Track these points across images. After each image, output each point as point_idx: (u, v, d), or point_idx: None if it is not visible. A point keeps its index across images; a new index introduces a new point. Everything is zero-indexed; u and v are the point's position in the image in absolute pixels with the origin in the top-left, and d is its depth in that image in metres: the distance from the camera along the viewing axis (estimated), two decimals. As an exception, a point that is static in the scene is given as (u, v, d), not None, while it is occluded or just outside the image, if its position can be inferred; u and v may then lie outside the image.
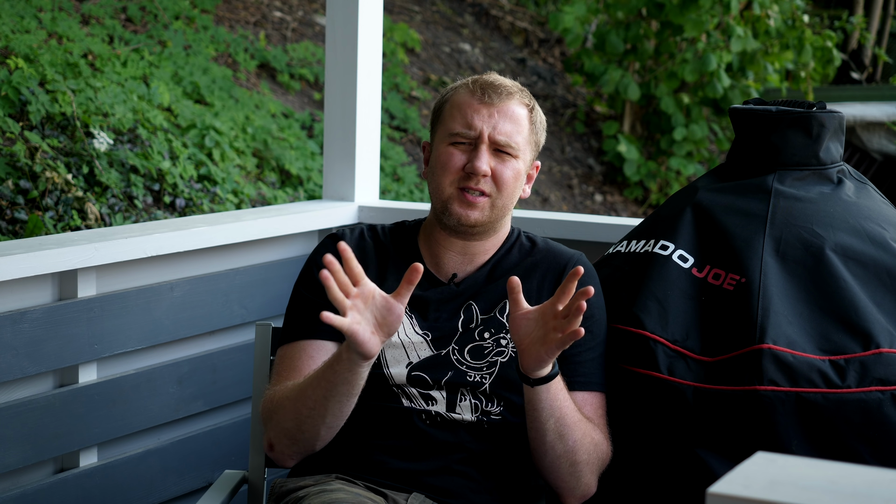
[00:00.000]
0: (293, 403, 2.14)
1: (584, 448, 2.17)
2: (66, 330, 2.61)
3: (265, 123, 5.99)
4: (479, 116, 2.26)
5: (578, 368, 2.26)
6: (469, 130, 2.26)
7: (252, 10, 7.38)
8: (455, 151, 2.26)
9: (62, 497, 2.64)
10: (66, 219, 4.13)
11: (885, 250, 2.30)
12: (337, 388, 2.07)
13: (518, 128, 2.28)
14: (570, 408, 2.15)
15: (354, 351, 2.00)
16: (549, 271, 2.32)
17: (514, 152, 2.27)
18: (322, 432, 2.15)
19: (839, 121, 2.42)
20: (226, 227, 2.99)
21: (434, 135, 2.34)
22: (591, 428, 2.21)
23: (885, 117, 8.72)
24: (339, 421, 2.14)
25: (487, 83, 2.29)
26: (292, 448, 2.19)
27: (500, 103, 2.27)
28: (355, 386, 2.08)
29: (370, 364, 2.06)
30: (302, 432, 2.15)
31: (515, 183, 2.29)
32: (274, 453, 2.22)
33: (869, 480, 1.27)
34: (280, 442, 2.19)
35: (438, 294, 2.30)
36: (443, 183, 2.27)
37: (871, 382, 2.17)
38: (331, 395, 2.08)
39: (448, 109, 2.30)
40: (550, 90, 9.18)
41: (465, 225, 2.26)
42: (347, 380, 2.06)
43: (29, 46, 4.83)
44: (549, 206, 7.92)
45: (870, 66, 11.16)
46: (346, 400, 2.10)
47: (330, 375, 2.07)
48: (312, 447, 2.19)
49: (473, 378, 2.24)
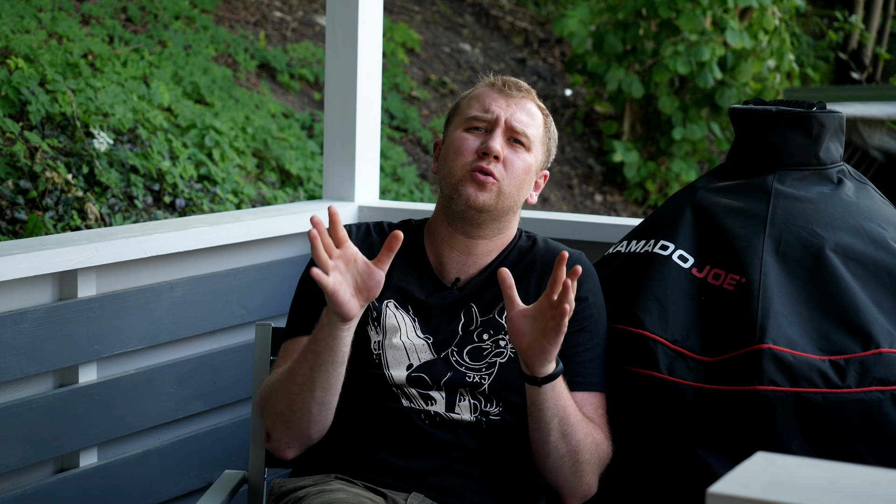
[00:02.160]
0: (284, 385, 2.16)
1: (586, 447, 2.17)
2: (66, 330, 2.61)
3: (265, 123, 5.99)
4: (497, 103, 2.30)
5: (578, 368, 2.25)
6: (486, 114, 2.29)
7: (252, 10, 7.38)
8: (469, 136, 2.30)
9: (62, 497, 2.64)
10: (66, 219, 4.13)
11: (885, 250, 2.30)
12: (321, 356, 2.09)
13: (534, 122, 2.32)
14: (572, 407, 2.15)
15: (334, 312, 2.04)
16: (548, 270, 2.32)
17: (528, 143, 2.30)
18: (314, 410, 2.15)
19: (839, 121, 2.42)
20: (226, 227, 2.99)
21: (447, 129, 2.37)
22: (593, 427, 2.21)
23: (885, 117, 8.72)
24: (328, 396, 2.14)
25: (507, 79, 2.35)
26: (288, 434, 2.19)
27: (518, 96, 2.33)
28: (338, 353, 2.09)
29: (350, 330, 2.08)
30: (294, 412, 2.16)
31: (525, 176, 2.30)
32: (271, 443, 2.23)
33: (869, 480, 1.27)
34: (275, 428, 2.20)
35: (441, 299, 2.30)
36: (455, 166, 2.28)
37: (871, 382, 2.17)
38: (316, 366, 2.10)
39: (466, 101, 2.35)
40: (550, 90, 9.18)
41: (473, 208, 2.26)
42: (329, 346, 2.08)
43: (29, 46, 4.83)
44: (549, 206, 7.92)
45: (870, 66, 11.16)
46: (331, 370, 2.11)
47: (313, 345, 2.11)
48: (308, 432, 2.19)
49: (472, 379, 2.24)
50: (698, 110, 8.35)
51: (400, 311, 2.28)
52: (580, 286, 2.28)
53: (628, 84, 8.16)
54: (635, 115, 8.69)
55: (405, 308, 2.29)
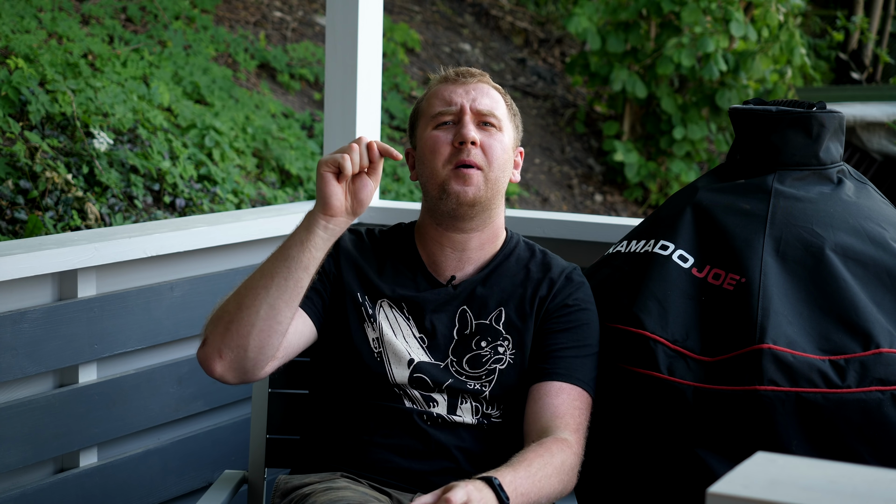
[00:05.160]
0: (242, 285, 2.13)
1: (553, 497, 2.12)
2: (66, 330, 2.61)
3: (265, 123, 5.99)
4: (456, 94, 2.31)
5: (560, 362, 2.25)
6: (450, 106, 2.30)
7: (252, 10, 7.38)
8: (440, 133, 2.29)
9: (62, 497, 2.64)
10: (66, 219, 4.13)
11: (885, 250, 2.30)
12: (289, 251, 2.10)
13: (497, 102, 2.33)
14: (535, 487, 2.07)
15: (319, 201, 2.10)
16: (542, 283, 2.33)
17: (498, 123, 2.30)
18: (262, 312, 2.08)
19: (839, 121, 2.42)
20: (226, 227, 3.00)
21: (415, 134, 2.37)
22: (548, 459, 2.11)
23: (885, 117, 8.71)
24: (280, 304, 2.09)
25: (458, 69, 2.37)
26: (225, 338, 2.10)
27: (474, 81, 2.34)
28: (306, 254, 2.09)
29: (326, 237, 2.11)
30: (241, 311, 2.09)
31: (504, 155, 2.30)
32: (204, 349, 2.13)
33: (869, 480, 1.27)
34: (215, 331, 2.12)
35: (435, 296, 2.30)
36: (436, 166, 2.28)
37: (871, 382, 2.17)
38: (280, 262, 2.09)
39: (426, 102, 2.36)
40: (550, 90, 9.18)
41: (464, 204, 2.26)
42: (302, 240, 2.09)
43: (29, 46, 4.83)
44: (549, 206, 7.92)
45: (870, 66, 11.16)
46: (294, 271, 2.08)
47: (285, 242, 2.12)
48: (245, 340, 2.10)
49: (473, 386, 2.25)
50: (698, 110, 8.35)
51: (394, 311, 2.28)
52: (573, 294, 2.29)
53: (632, 84, 8.16)
54: (635, 115, 8.69)
55: (399, 308, 2.29)
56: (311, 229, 2.10)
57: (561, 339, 2.26)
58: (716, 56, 7.96)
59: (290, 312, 2.12)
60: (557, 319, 2.28)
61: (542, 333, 2.28)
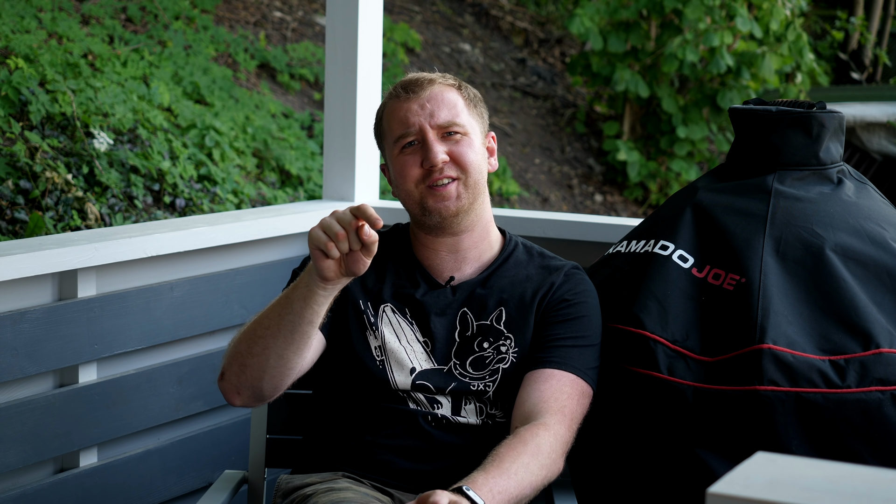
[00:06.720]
0: (252, 326, 2.15)
1: (538, 483, 2.11)
2: (66, 330, 2.61)
3: (265, 123, 5.99)
4: (412, 112, 2.28)
5: (554, 351, 2.25)
6: (409, 128, 2.27)
7: (252, 10, 7.38)
8: (408, 158, 2.28)
9: (62, 497, 2.64)
10: (66, 219, 4.13)
11: (885, 250, 2.30)
12: (293, 305, 2.08)
13: (454, 108, 2.29)
14: (512, 481, 2.07)
15: (315, 269, 2.03)
16: (542, 281, 2.33)
17: (461, 129, 2.28)
18: (271, 360, 2.12)
19: (839, 121, 2.42)
20: (226, 227, 3.00)
21: (384, 153, 2.37)
22: (520, 448, 2.10)
23: (885, 117, 8.72)
24: (288, 353, 2.12)
25: (406, 81, 2.32)
26: (240, 377, 2.16)
27: (423, 92, 2.29)
28: (309, 309, 2.07)
29: (326, 296, 2.07)
30: (252, 356, 2.13)
31: (477, 158, 2.29)
32: (223, 383, 2.20)
33: (869, 480, 1.27)
34: (231, 368, 2.17)
35: (434, 297, 2.30)
36: (410, 188, 2.29)
37: (871, 382, 2.17)
38: (285, 314, 2.09)
39: (385, 123, 2.33)
40: (550, 90, 9.18)
41: (448, 217, 2.27)
42: (304, 297, 2.07)
43: (29, 46, 4.83)
44: (549, 206, 7.92)
45: (870, 66, 11.16)
46: (298, 325, 2.09)
47: (289, 293, 2.11)
48: (259, 382, 2.15)
49: (477, 387, 2.25)
50: (699, 111, 8.35)
51: (397, 316, 2.29)
52: (572, 289, 2.29)
53: (634, 84, 8.15)
54: (635, 115, 8.69)
55: (402, 312, 2.29)
56: (311, 288, 2.08)
57: (558, 329, 2.27)
58: (721, 50, 7.95)
59: (299, 359, 2.15)
60: (556, 313, 2.29)
61: (541, 327, 2.28)
